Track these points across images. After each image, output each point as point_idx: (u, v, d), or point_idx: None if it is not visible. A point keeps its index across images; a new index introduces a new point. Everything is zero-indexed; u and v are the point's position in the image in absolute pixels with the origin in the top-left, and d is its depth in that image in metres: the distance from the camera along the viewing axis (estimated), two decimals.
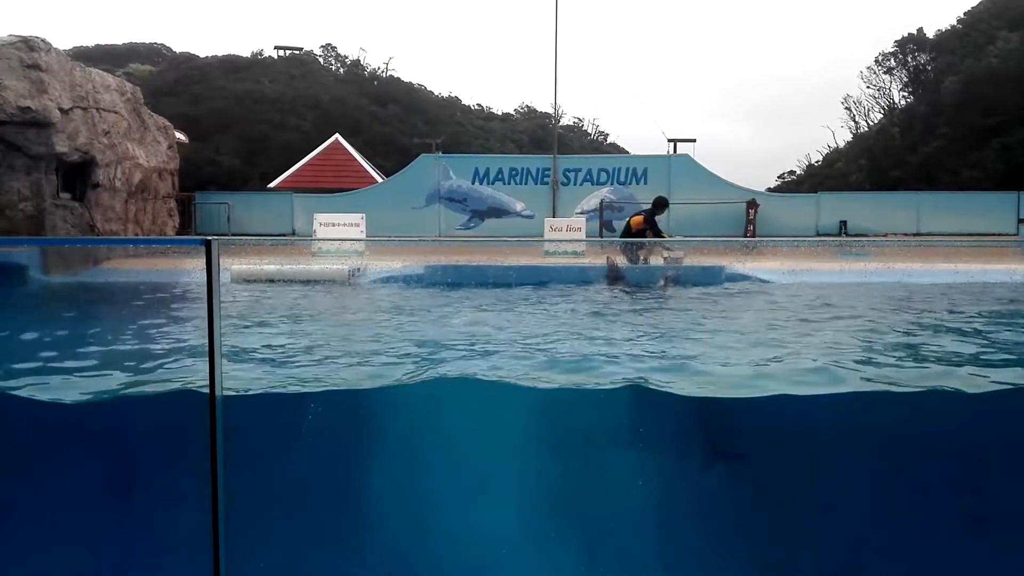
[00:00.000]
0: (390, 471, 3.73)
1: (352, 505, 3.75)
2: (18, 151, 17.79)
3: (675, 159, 28.92)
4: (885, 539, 3.70)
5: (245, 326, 6.04)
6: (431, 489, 3.73)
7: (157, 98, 36.81)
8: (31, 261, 6.53)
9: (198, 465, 3.00)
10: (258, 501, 3.46)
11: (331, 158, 33.60)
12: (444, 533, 3.67)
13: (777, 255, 9.30)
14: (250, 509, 3.32)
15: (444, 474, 3.73)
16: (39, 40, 17.89)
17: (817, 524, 3.74)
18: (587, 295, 9.08)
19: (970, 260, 7.78)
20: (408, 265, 9.92)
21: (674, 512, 3.80)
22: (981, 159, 34.15)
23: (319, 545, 3.65)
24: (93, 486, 3.66)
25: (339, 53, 65.93)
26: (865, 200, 29.73)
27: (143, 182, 22.52)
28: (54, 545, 3.60)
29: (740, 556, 3.72)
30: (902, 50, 47.91)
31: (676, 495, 3.83)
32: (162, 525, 3.59)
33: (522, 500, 3.73)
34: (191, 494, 3.09)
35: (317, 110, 48.35)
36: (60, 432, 3.76)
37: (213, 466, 3.05)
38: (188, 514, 3.18)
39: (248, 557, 3.26)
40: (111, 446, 3.78)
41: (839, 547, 3.73)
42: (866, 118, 52.26)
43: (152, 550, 3.61)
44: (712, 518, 3.76)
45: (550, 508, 3.74)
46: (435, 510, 3.70)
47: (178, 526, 3.42)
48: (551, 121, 47.79)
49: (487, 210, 28.54)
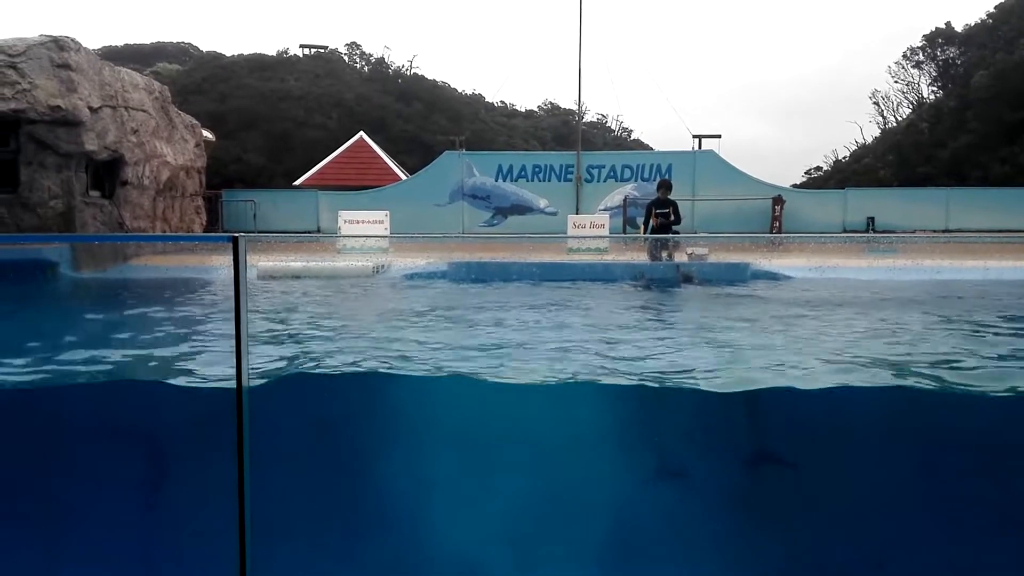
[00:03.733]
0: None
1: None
2: (48, 149, 18.04)
3: (700, 155, 28.73)
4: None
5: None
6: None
7: (184, 97, 37.22)
8: (62, 258, 6.64)
9: (230, 459, 3.04)
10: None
11: (356, 156, 33.77)
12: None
13: (804, 251, 9.21)
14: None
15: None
16: (69, 40, 18.13)
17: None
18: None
19: (1001, 257, 7.66)
20: (432, 262, 9.96)
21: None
22: (1012, 154, 33.61)
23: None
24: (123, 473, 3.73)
25: (364, 51, 66.34)
26: (893, 196, 29.36)
27: (171, 180, 22.76)
28: (86, 536, 3.66)
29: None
30: (931, 44, 47.32)
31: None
32: (189, 512, 3.64)
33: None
34: (221, 488, 3.13)
35: (342, 108, 48.61)
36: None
37: (240, 459, 3.09)
38: (217, 507, 3.22)
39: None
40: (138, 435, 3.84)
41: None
42: (894, 113, 51.75)
43: (181, 539, 3.67)
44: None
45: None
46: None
47: (206, 514, 3.47)
48: (575, 118, 47.62)
49: (511, 207, 28.54)
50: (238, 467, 3.09)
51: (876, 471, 3.73)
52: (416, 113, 52.38)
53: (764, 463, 3.85)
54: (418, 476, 3.79)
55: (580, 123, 34.33)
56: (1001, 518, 3.72)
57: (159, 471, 3.77)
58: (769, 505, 3.79)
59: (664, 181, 14.09)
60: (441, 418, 3.94)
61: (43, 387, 4.03)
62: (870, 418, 3.88)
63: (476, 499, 3.78)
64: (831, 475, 3.76)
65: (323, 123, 45.88)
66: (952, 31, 46.41)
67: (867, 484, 3.74)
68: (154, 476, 3.77)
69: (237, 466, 3.09)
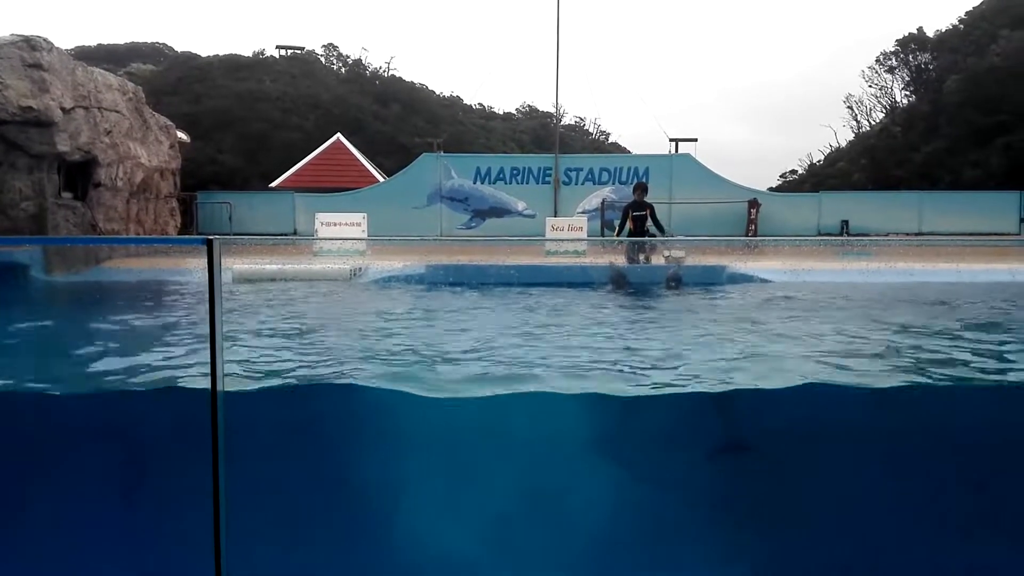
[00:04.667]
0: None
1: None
2: (20, 150, 17.78)
3: (676, 158, 28.89)
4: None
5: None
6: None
7: (159, 97, 36.83)
8: (33, 260, 6.55)
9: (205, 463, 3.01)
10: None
11: (333, 158, 33.61)
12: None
13: (779, 254, 9.29)
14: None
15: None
16: (41, 40, 17.88)
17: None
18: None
19: (972, 260, 7.76)
20: (409, 264, 9.92)
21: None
22: (983, 158, 34.12)
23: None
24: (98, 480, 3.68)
25: (341, 53, 66.05)
26: (867, 199, 29.70)
27: (145, 181, 22.52)
28: (64, 537, 3.61)
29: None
30: (903, 50, 47.90)
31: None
32: (166, 517, 3.60)
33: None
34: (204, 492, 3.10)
35: (319, 109, 48.38)
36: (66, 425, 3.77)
37: (215, 465, 3.06)
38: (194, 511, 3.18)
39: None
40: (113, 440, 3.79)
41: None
42: (868, 117, 52.35)
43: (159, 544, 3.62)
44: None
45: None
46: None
47: (185, 520, 3.43)
48: (552, 121, 47.74)
49: (489, 210, 28.54)
50: (213, 471, 3.06)
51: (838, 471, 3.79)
52: (394, 115, 52.25)
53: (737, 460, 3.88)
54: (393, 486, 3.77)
55: (558, 126, 34.44)
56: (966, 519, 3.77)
57: (133, 478, 3.72)
58: (746, 505, 3.81)
59: (640, 183, 14.14)
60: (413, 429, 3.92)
61: (9, 392, 3.97)
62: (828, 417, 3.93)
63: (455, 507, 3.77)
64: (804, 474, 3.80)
65: (300, 124, 45.64)
66: (924, 36, 47.02)
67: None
68: (127, 484, 3.72)
69: (212, 470, 3.06)
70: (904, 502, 3.78)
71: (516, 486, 3.76)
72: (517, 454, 3.78)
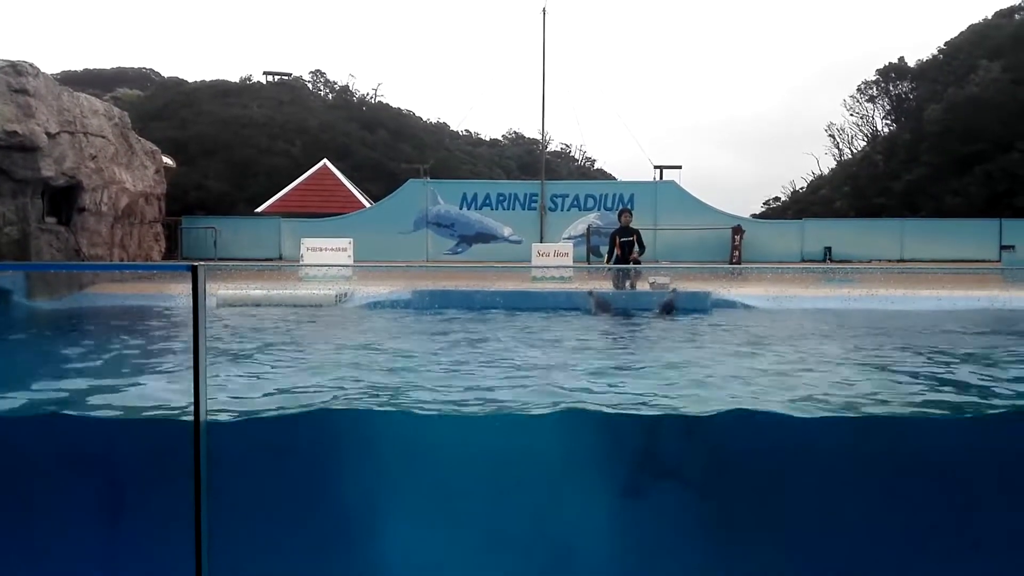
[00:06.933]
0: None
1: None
2: (4, 175, 17.71)
3: (661, 185, 29.10)
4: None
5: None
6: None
7: (145, 122, 36.82)
8: (15, 286, 6.51)
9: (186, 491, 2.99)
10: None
11: (319, 183, 33.63)
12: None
13: (763, 281, 9.37)
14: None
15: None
16: (27, 64, 17.88)
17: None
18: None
19: (953, 287, 7.87)
20: (395, 290, 9.93)
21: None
22: (963, 186, 34.52)
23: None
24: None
25: (328, 79, 66.35)
26: (849, 226, 29.98)
27: (129, 207, 22.45)
28: (45, 560, 3.57)
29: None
30: (884, 79, 48.63)
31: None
32: (147, 545, 3.56)
33: None
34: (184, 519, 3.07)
35: (305, 135, 48.44)
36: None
37: (197, 492, 3.04)
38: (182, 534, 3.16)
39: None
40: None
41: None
42: (850, 145, 52.98)
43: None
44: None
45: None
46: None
47: (167, 546, 3.40)
48: (539, 147, 48.04)
49: (475, 235, 28.59)
50: (195, 498, 3.04)
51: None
52: (380, 141, 52.39)
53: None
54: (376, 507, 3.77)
55: (544, 152, 34.65)
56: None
57: (112, 506, 3.69)
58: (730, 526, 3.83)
59: (624, 209, 14.23)
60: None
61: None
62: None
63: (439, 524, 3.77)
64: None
65: (286, 150, 45.66)
66: (904, 66, 47.77)
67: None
68: (106, 512, 3.68)
69: (194, 497, 3.04)
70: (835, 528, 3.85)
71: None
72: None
